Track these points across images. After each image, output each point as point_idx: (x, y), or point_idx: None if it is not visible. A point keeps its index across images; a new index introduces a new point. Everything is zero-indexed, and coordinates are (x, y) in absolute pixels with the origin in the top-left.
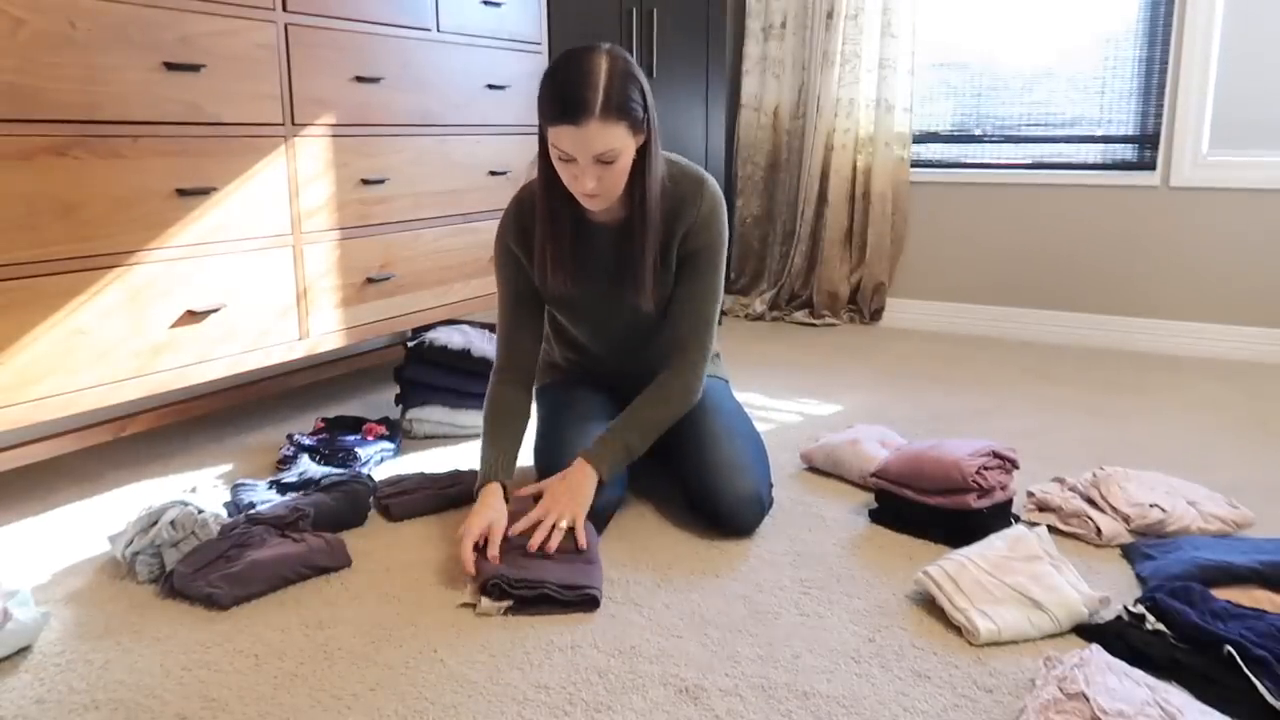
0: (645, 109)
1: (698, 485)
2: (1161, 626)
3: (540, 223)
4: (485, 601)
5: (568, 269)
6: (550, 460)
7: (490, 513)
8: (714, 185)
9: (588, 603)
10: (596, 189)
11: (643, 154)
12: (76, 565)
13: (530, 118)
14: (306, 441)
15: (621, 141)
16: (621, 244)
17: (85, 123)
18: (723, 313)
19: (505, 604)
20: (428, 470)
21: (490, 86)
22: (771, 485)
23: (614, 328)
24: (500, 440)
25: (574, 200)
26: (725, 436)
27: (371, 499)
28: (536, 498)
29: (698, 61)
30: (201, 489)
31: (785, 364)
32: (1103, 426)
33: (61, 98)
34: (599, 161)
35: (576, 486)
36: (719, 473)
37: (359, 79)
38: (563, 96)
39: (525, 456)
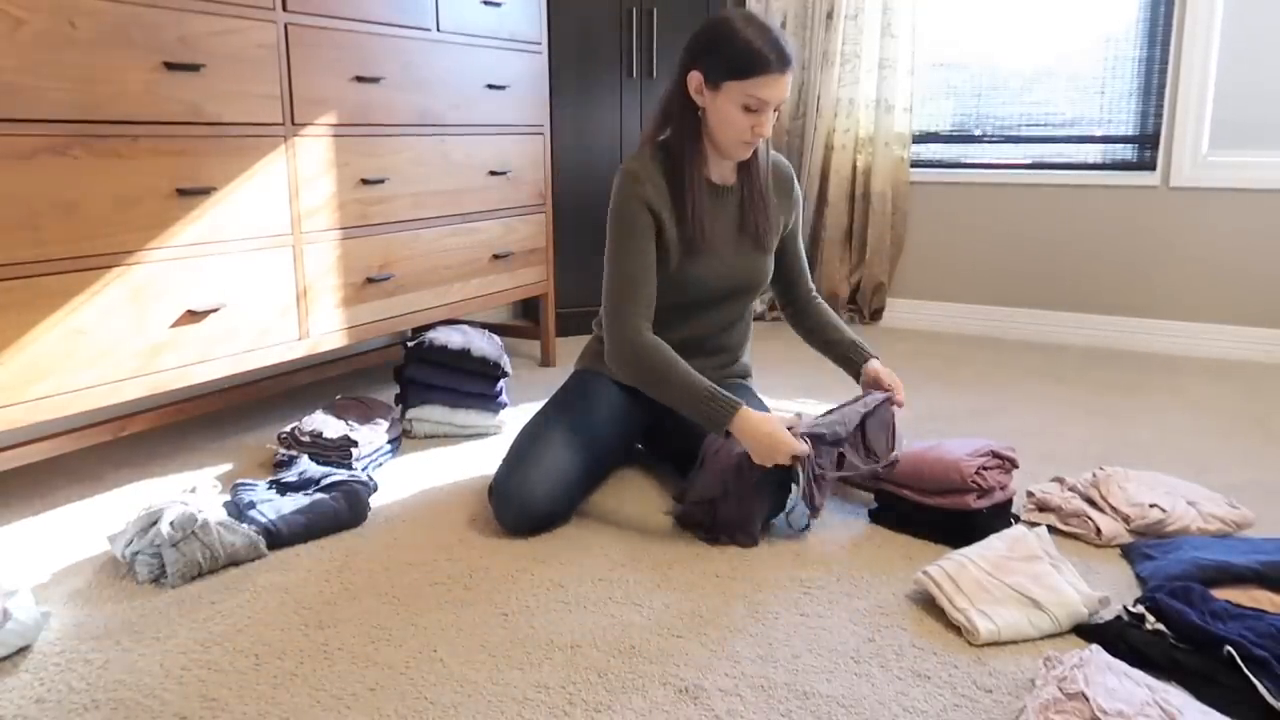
0: None
1: None
2: (1161, 626)
3: (689, 179)
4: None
5: (702, 222)
6: (510, 462)
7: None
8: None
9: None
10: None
11: None
12: (76, 565)
13: (531, 117)
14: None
15: None
16: (744, 196)
17: (85, 123)
18: None
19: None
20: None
21: (490, 86)
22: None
23: (716, 287)
24: (696, 376)
25: (700, 162)
26: None
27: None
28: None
29: None
30: (201, 489)
31: (785, 364)
32: (1103, 426)
33: (61, 97)
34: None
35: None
36: None
37: (359, 79)
38: (777, 47)
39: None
